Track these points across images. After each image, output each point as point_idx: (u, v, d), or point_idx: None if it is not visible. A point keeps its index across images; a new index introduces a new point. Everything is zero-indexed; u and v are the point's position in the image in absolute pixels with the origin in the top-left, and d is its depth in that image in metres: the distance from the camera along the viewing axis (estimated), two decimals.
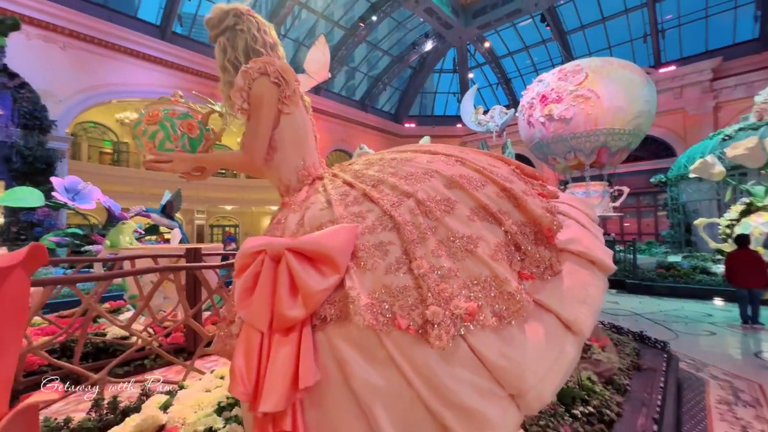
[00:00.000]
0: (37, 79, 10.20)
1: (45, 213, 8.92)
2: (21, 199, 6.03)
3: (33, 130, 10.01)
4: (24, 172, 9.55)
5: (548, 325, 0.86)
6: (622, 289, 6.98)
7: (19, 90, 10.08)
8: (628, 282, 7.01)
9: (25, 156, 9.49)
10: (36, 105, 10.20)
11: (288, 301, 0.87)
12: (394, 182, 1.03)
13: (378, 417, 0.79)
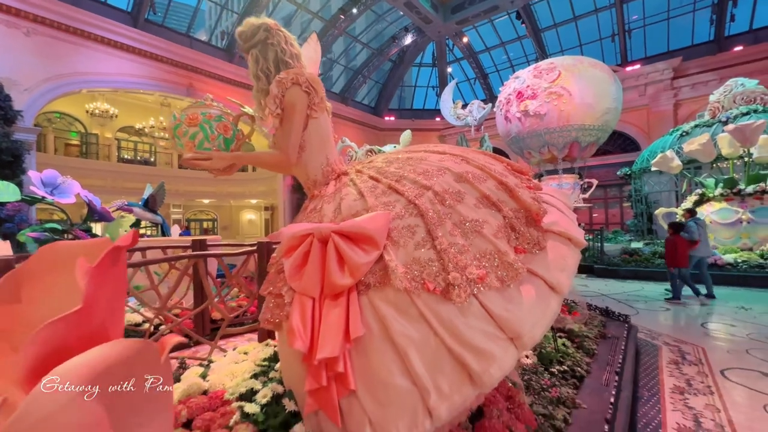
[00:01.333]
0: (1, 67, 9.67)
1: (15, 208, 8.56)
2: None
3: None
4: None
5: (538, 287, 1.13)
6: (591, 274, 7.55)
7: None
8: (596, 267, 7.60)
9: None
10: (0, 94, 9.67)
11: (337, 272, 1.10)
12: (414, 177, 1.27)
13: (412, 359, 1.03)
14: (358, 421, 1.06)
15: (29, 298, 1.05)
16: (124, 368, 0.66)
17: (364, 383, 1.07)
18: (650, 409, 2.04)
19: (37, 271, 1.06)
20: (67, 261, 1.09)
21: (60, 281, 1.08)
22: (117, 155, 16.42)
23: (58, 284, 1.07)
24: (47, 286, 1.07)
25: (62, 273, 1.08)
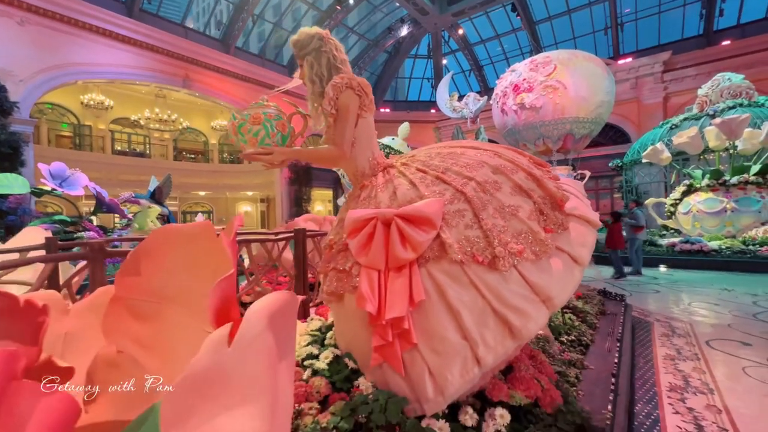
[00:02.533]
0: None
1: (18, 200, 8.56)
2: (6, 185, 5.87)
3: None
4: None
5: (564, 260, 1.38)
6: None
7: None
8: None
9: None
10: None
11: (401, 249, 1.33)
12: (458, 170, 1.49)
13: (464, 318, 1.27)
14: (419, 370, 1.30)
15: (146, 272, 1.27)
16: (283, 312, 0.89)
17: (424, 338, 1.31)
18: (646, 372, 2.34)
19: (152, 249, 1.28)
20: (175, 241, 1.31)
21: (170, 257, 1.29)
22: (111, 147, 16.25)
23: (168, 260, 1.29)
24: (160, 262, 1.28)
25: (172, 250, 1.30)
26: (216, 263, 1.28)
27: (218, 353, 0.65)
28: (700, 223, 7.77)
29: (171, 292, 1.28)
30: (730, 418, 1.81)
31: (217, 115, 18.01)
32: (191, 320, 1.27)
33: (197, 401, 0.61)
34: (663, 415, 1.84)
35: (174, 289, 1.28)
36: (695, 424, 1.76)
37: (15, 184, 5.96)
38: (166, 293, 1.29)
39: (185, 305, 1.28)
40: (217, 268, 1.26)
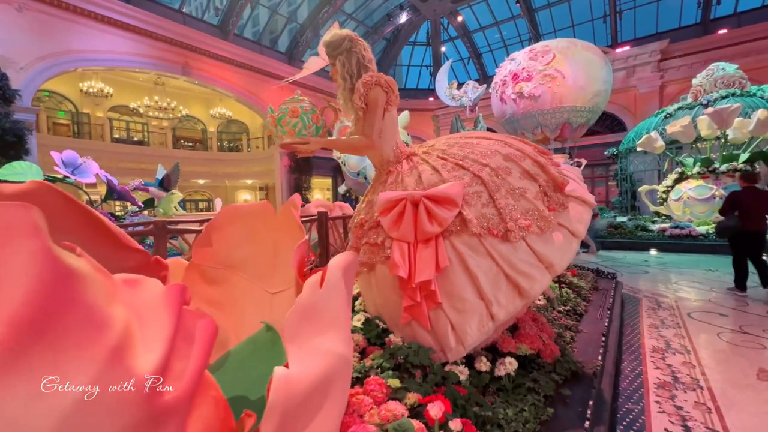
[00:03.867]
0: None
1: None
2: (20, 173, 6.00)
3: None
4: None
5: (564, 234, 1.64)
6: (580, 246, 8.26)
7: None
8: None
9: None
10: None
11: (428, 224, 1.57)
12: (474, 157, 1.73)
13: (480, 281, 1.54)
14: (442, 325, 1.57)
15: (216, 243, 1.52)
16: (349, 266, 1.14)
17: (447, 299, 1.57)
18: (633, 337, 2.64)
19: (221, 224, 1.53)
20: (239, 217, 1.56)
21: (234, 231, 1.54)
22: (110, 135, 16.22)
23: (233, 233, 1.54)
24: (227, 235, 1.53)
25: (236, 226, 1.55)
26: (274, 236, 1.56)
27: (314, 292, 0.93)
28: (690, 209, 8.09)
29: (235, 260, 1.55)
30: (702, 370, 2.11)
31: (216, 103, 17.96)
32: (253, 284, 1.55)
33: (303, 325, 0.89)
34: (645, 369, 2.14)
35: (238, 258, 1.56)
36: (672, 376, 2.06)
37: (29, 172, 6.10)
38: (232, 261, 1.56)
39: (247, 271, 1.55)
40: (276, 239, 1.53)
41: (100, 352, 0.61)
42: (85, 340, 0.60)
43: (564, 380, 1.68)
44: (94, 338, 0.61)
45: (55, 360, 0.56)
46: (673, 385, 1.97)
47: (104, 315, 0.64)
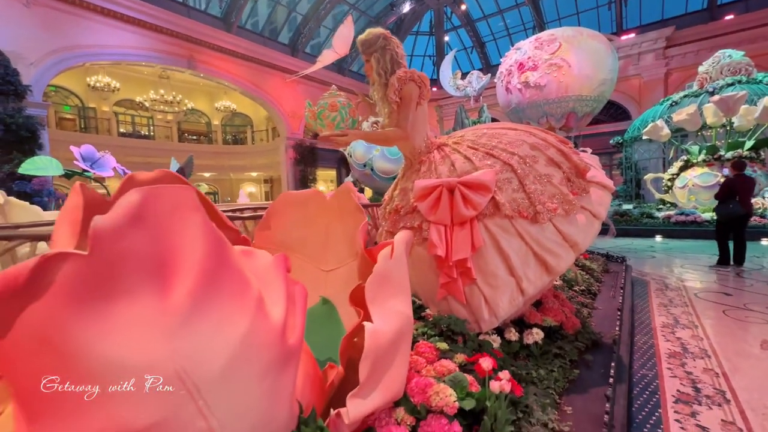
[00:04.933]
0: (2, 40, 9.57)
1: (41, 183, 8.87)
2: (42, 167, 6.18)
3: (9, 96, 9.53)
4: (8, 141, 9.23)
5: (587, 216, 1.80)
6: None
7: None
8: None
9: (8, 124, 9.14)
10: (7, 69, 9.60)
11: (464, 208, 1.73)
12: (503, 147, 1.88)
13: (511, 259, 1.70)
14: (477, 299, 1.74)
15: (274, 227, 1.69)
16: (408, 242, 1.30)
17: (481, 275, 1.74)
18: (643, 315, 2.81)
19: (278, 210, 1.70)
20: (293, 204, 1.72)
21: (289, 216, 1.71)
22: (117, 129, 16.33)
23: (288, 218, 1.71)
24: (283, 220, 1.70)
25: (291, 210, 1.71)
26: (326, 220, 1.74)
27: (387, 262, 1.10)
28: (695, 196, 8.21)
29: (291, 242, 1.73)
30: (709, 343, 2.28)
31: (221, 96, 18.00)
32: (307, 263, 1.73)
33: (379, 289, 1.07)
34: (657, 342, 2.32)
35: (293, 239, 1.74)
36: (682, 347, 2.23)
37: (50, 166, 6.27)
38: (288, 243, 1.74)
39: (303, 252, 1.73)
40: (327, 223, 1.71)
41: (250, 302, 0.79)
42: (239, 292, 0.78)
43: (585, 348, 1.86)
44: (244, 291, 0.79)
45: (226, 303, 0.74)
46: (683, 354, 2.14)
47: (245, 274, 0.82)
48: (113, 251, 0.60)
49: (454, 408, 1.09)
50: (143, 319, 0.63)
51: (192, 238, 0.73)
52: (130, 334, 0.61)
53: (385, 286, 1.09)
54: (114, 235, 0.60)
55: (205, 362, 0.68)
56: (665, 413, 1.60)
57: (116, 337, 0.60)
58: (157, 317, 0.64)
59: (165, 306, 0.65)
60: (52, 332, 0.56)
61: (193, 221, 0.74)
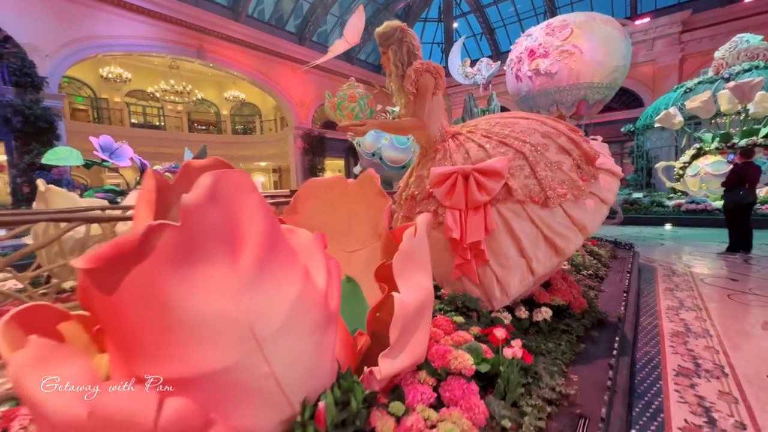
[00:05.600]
0: (18, 32, 9.74)
1: (60, 173, 9.13)
2: (63, 158, 6.39)
3: (26, 88, 9.75)
4: (28, 132, 9.47)
5: (595, 201, 1.89)
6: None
7: (4, 44, 9.61)
8: None
9: (26, 115, 9.37)
10: (24, 61, 9.80)
11: (478, 194, 1.84)
12: (516, 135, 1.97)
13: (522, 241, 1.81)
14: (489, 279, 1.86)
15: (302, 211, 1.81)
16: (429, 225, 1.41)
17: (493, 257, 1.85)
18: (649, 299, 2.91)
19: (303, 195, 1.82)
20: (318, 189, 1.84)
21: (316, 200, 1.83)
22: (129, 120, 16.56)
23: (313, 203, 1.82)
24: (308, 204, 1.82)
25: (316, 196, 1.83)
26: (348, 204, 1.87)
27: (412, 241, 1.23)
28: (706, 184, 8.15)
29: (316, 225, 1.87)
30: (712, 323, 2.38)
31: (230, 86, 18.09)
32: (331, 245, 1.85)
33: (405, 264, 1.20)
34: (661, 323, 2.42)
35: (318, 223, 1.88)
36: (685, 327, 2.33)
37: (71, 156, 6.47)
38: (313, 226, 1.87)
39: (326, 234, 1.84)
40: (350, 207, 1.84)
41: (299, 270, 0.91)
42: (290, 262, 0.91)
43: (591, 326, 1.97)
44: (294, 261, 0.92)
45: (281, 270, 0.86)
46: (686, 333, 2.24)
47: (293, 247, 0.94)
48: (197, 223, 0.72)
49: (472, 370, 1.21)
50: (220, 281, 0.76)
51: (252, 214, 0.85)
52: (211, 292, 0.74)
53: (409, 262, 1.21)
54: (198, 210, 0.72)
55: (268, 318, 0.81)
56: (665, 385, 1.72)
57: (201, 294, 0.73)
58: (231, 279, 0.77)
59: (235, 270, 0.78)
60: (153, 289, 0.69)
61: (252, 200, 0.87)
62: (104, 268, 0.67)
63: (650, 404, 1.58)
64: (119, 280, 0.69)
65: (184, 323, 0.72)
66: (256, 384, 0.81)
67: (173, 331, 0.72)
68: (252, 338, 0.78)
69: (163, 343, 0.72)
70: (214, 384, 0.75)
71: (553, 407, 1.29)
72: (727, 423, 1.43)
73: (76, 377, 0.62)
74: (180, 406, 0.65)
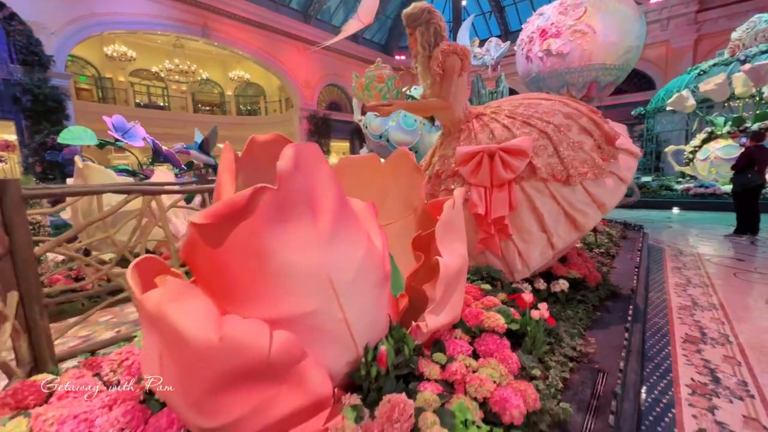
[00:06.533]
0: (24, 9, 9.64)
1: (71, 152, 9.22)
2: (78, 137, 6.48)
3: (33, 67, 9.73)
4: (37, 111, 9.52)
5: (614, 180, 1.99)
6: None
7: (9, 22, 9.54)
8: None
9: (35, 95, 9.40)
10: (30, 38, 9.74)
11: (503, 172, 1.94)
12: (539, 116, 2.05)
13: (544, 217, 1.92)
14: (511, 252, 1.98)
15: None
16: (463, 198, 1.52)
17: (516, 232, 1.97)
18: (657, 276, 3.03)
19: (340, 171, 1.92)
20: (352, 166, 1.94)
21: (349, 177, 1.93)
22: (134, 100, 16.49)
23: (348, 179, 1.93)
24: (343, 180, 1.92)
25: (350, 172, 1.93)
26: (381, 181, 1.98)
27: (450, 211, 1.35)
28: (716, 169, 8.16)
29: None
30: (718, 299, 2.51)
31: (234, 66, 17.89)
32: None
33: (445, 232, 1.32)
34: (669, 298, 2.55)
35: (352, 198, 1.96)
36: (692, 302, 2.47)
37: (85, 136, 6.56)
38: None
39: None
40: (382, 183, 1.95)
41: (364, 233, 1.03)
42: (356, 225, 1.03)
43: (605, 297, 2.10)
44: (359, 225, 1.04)
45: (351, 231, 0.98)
46: (693, 307, 2.38)
47: (356, 213, 1.06)
48: (289, 187, 0.84)
49: (504, 328, 1.35)
50: (305, 238, 0.88)
51: (325, 182, 0.96)
52: (298, 247, 0.86)
53: (449, 230, 1.33)
54: (289, 176, 0.84)
55: (343, 272, 0.93)
56: (674, 349, 1.86)
57: (291, 248, 0.85)
58: (313, 237, 0.89)
59: (316, 230, 0.90)
60: (254, 242, 0.82)
61: (325, 170, 0.98)
62: (217, 223, 0.79)
63: (660, 366, 1.72)
64: (227, 234, 0.81)
65: (278, 273, 0.84)
66: (331, 327, 0.94)
67: (269, 280, 0.84)
68: (330, 288, 0.91)
69: (260, 290, 0.85)
70: (300, 325, 0.88)
71: (575, 363, 1.43)
72: (731, 381, 1.58)
73: (205, 310, 0.75)
74: (285, 337, 0.78)
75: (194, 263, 0.88)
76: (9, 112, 9.77)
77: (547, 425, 1.08)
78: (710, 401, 1.46)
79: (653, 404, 1.45)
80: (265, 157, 1.22)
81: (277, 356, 0.76)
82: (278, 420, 0.82)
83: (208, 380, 0.74)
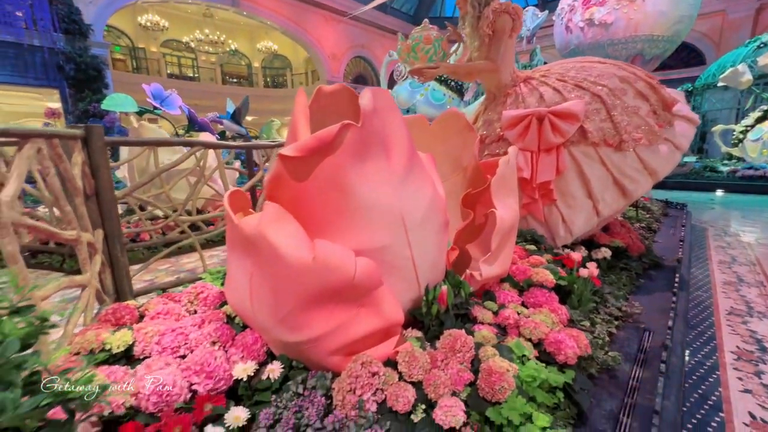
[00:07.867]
0: None
1: (111, 120, 9.62)
2: (120, 104, 6.73)
3: (74, 36, 10.03)
4: (80, 79, 9.90)
5: (669, 147, 1.92)
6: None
7: None
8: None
9: (78, 63, 9.74)
10: (71, 7, 9.99)
11: (552, 135, 1.91)
12: (593, 80, 1.99)
13: (592, 183, 1.90)
14: (555, 218, 1.98)
15: None
16: (515, 157, 1.52)
17: (560, 196, 1.96)
18: (701, 253, 2.95)
19: None
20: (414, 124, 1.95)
21: None
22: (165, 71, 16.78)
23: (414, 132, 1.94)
24: None
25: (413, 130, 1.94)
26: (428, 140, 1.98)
27: (505, 167, 1.35)
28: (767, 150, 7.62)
29: None
30: (766, 276, 2.43)
31: (262, 36, 17.79)
32: None
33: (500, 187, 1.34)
34: (713, 275, 2.49)
35: None
36: (737, 278, 2.41)
37: (126, 102, 6.82)
38: None
39: None
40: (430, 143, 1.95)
41: (430, 179, 1.07)
42: (424, 170, 1.06)
43: (648, 267, 2.09)
44: (425, 171, 1.07)
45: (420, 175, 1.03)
46: (738, 283, 2.32)
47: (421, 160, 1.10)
48: (370, 126, 0.88)
49: (552, 283, 1.39)
50: (381, 176, 0.93)
51: (397, 126, 1.00)
52: (376, 184, 0.92)
53: (504, 185, 1.36)
54: (369, 115, 0.88)
55: (413, 212, 0.99)
56: (717, 320, 1.85)
57: (370, 184, 0.91)
58: (388, 176, 0.94)
59: (391, 169, 0.95)
60: (338, 176, 0.87)
61: (397, 115, 1.02)
62: (305, 157, 0.85)
63: (703, 333, 1.72)
64: (313, 168, 0.87)
65: (358, 207, 0.90)
66: (399, 263, 1.00)
67: (350, 213, 0.91)
68: (402, 225, 0.96)
69: (340, 223, 0.92)
70: (374, 258, 0.95)
71: (620, 322, 1.46)
72: None
73: (300, 233, 0.82)
74: (367, 264, 0.85)
75: (278, 196, 0.95)
76: (54, 80, 10.16)
77: (596, 371, 1.13)
78: (756, 366, 1.46)
79: (697, 366, 1.47)
80: (330, 107, 1.26)
81: (360, 280, 0.83)
82: (355, 340, 0.90)
83: (299, 297, 0.83)
